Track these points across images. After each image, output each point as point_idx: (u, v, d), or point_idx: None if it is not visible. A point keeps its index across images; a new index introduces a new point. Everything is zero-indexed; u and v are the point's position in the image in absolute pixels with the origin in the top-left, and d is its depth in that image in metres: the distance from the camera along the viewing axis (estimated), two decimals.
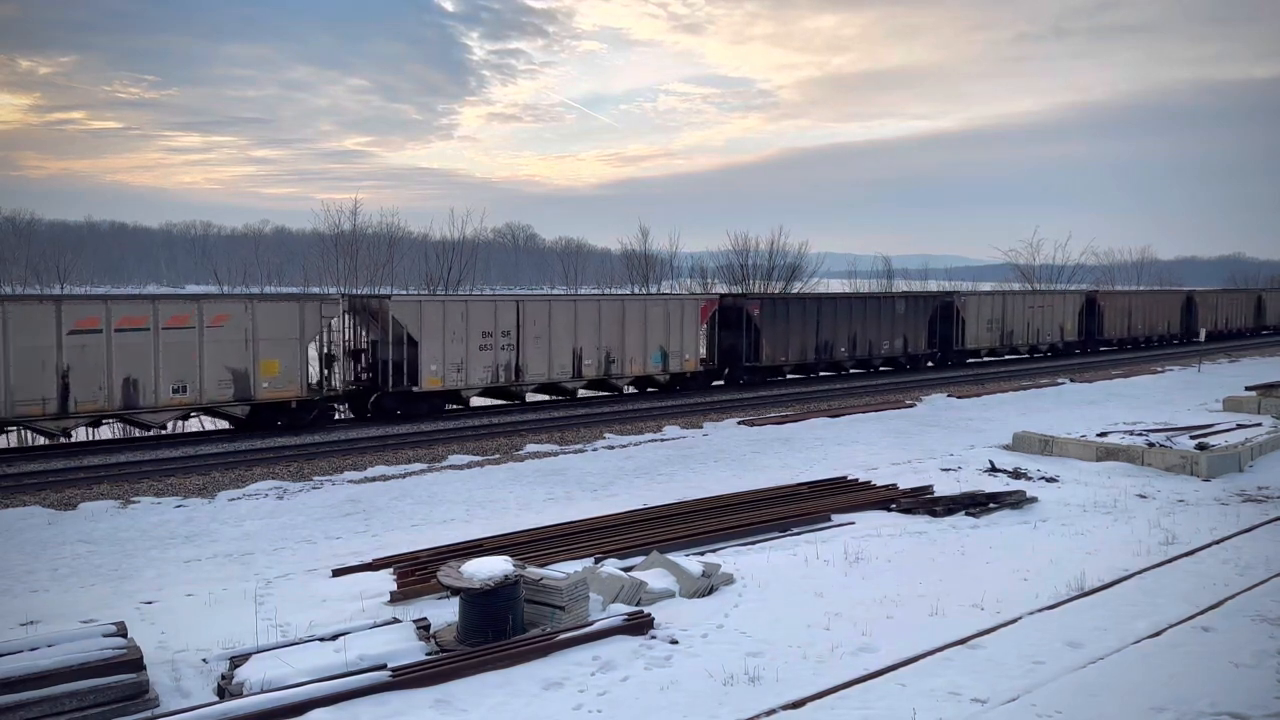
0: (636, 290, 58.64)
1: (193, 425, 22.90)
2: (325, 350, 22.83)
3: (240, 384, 20.94)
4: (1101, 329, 47.44)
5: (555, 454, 20.24)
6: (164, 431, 21.48)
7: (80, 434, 21.33)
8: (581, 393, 28.16)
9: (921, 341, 37.64)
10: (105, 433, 22.40)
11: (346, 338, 23.91)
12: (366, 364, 24.10)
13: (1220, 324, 57.40)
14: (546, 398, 27.98)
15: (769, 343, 31.72)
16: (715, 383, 31.49)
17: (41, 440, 20.86)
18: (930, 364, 39.14)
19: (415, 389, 23.60)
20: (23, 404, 18.34)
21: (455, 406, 25.51)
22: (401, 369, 23.48)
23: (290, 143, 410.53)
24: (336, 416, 23.77)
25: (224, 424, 22.55)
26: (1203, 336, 52.50)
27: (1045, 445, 19.47)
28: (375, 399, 23.81)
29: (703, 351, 30.57)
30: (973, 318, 40.00)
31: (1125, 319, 49.45)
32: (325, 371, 22.87)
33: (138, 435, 21.55)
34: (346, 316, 23.89)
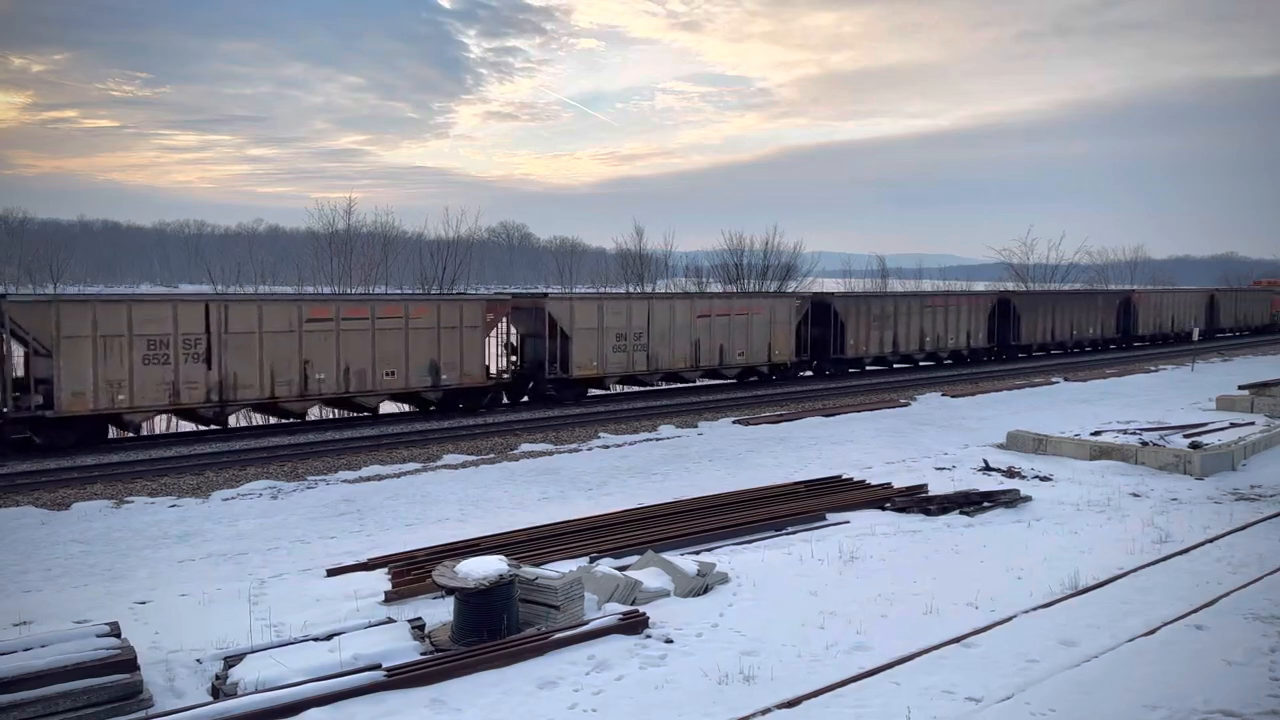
0: (634, 289, 58.36)
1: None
2: None
3: None
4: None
5: (550, 453, 20.24)
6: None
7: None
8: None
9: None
10: None
11: None
12: None
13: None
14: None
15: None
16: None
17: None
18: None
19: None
20: None
21: (126, 435, 21.05)
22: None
23: (285, 141, 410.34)
24: None
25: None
26: (1195, 335, 52.71)
27: (1039, 444, 19.50)
28: None
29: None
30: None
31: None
32: None
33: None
34: None
